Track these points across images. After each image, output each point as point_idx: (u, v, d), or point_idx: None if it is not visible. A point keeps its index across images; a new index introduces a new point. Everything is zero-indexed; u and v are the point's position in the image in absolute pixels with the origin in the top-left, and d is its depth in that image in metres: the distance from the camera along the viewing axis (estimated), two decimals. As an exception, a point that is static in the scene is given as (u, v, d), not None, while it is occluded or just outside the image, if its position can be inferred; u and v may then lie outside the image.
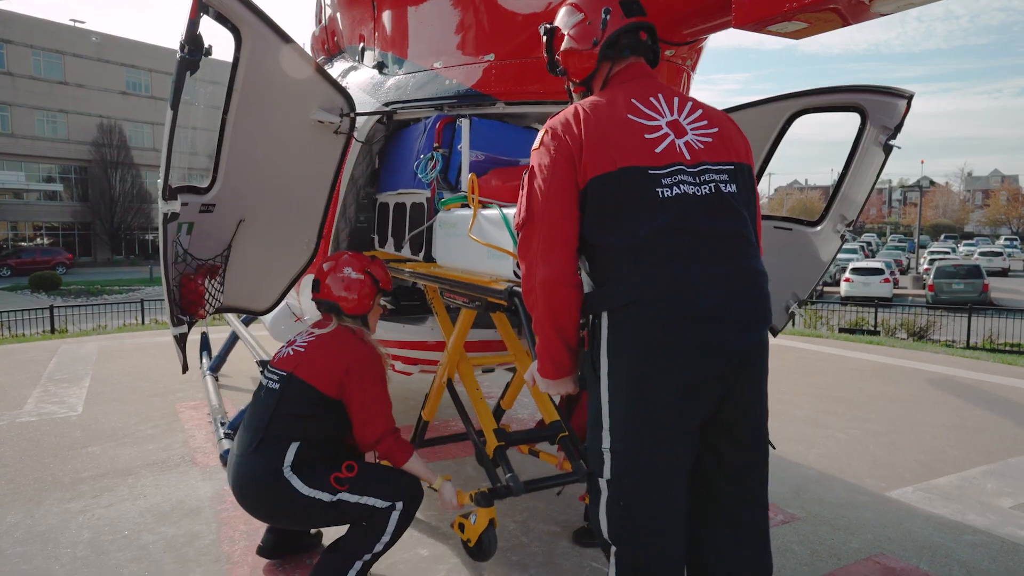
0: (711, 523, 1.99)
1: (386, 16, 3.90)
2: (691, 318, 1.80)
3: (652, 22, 2.16)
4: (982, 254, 36.59)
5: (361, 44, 4.29)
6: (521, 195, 2.00)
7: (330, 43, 5.04)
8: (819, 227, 4.09)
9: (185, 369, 3.32)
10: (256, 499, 2.59)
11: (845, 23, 2.28)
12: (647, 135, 1.91)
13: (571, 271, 1.92)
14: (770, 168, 4.71)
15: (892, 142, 3.71)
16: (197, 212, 3.14)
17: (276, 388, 2.64)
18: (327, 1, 5.10)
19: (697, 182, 1.87)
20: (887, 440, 4.74)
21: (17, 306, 14.58)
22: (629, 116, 1.93)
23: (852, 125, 3.95)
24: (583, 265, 1.98)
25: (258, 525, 3.19)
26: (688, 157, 1.89)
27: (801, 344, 8.92)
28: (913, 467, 4.20)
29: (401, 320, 3.90)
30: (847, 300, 19.88)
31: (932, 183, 61.17)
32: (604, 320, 1.90)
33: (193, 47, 2.72)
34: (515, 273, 2.48)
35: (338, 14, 4.75)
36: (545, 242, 1.91)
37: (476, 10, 3.36)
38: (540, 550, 3.07)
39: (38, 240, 38.23)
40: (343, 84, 3.44)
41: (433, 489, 2.79)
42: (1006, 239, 55.90)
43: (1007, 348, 11.78)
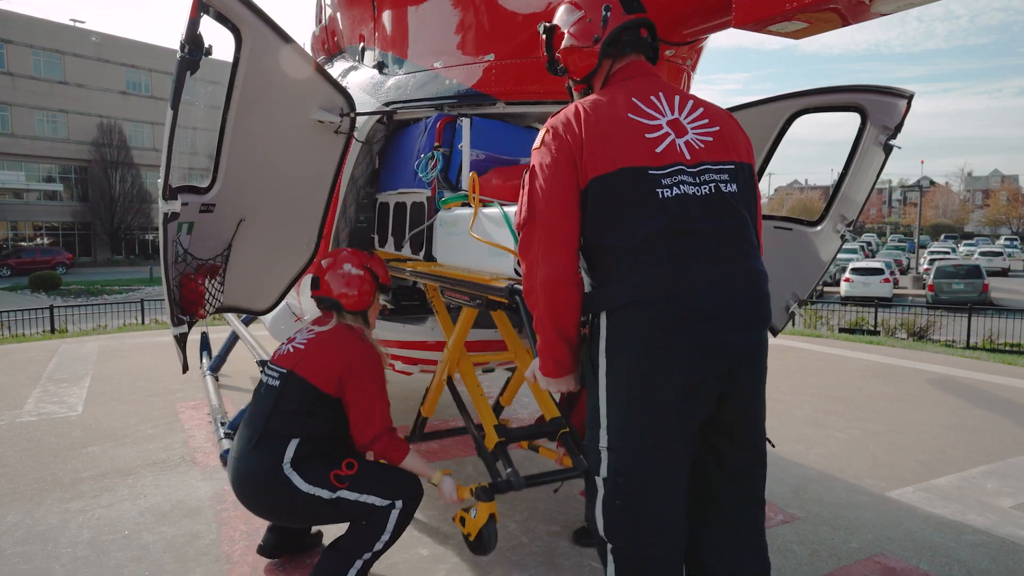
0: (711, 523, 2.00)
1: (386, 16, 3.90)
2: (691, 318, 1.80)
3: (652, 20, 2.16)
4: (982, 254, 36.58)
5: (361, 44, 4.29)
6: (522, 194, 1.99)
7: (330, 43, 5.04)
8: (819, 227, 4.09)
9: (185, 369, 3.32)
10: (256, 496, 2.59)
11: (845, 23, 2.28)
12: (648, 135, 1.90)
13: (572, 271, 1.92)
14: (770, 168, 4.72)
15: (892, 142, 3.71)
16: (197, 212, 3.14)
17: (276, 385, 2.65)
18: (327, 1, 5.10)
19: (697, 182, 1.87)
20: (887, 440, 4.74)
21: (17, 306, 14.58)
22: (630, 115, 1.93)
23: (852, 125, 3.95)
24: (583, 265, 1.98)
25: (258, 525, 3.19)
26: (688, 157, 1.89)
27: (801, 344, 8.92)
28: (913, 467, 4.20)
29: (401, 320, 3.90)
30: (847, 300, 19.89)
31: (932, 183, 61.18)
32: (603, 320, 1.90)
33: (193, 47, 2.72)
34: (516, 271, 2.48)
35: (338, 14, 4.75)
36: (546, 242, 1.91)
37: (476, 10, 3.36)
38: (540, 549, 3.08)
39: (38, 240, 38.23)
40: (343, 84, 3.44)
41: (433, 484, 2.79)
42: (1006, 239, 55.89)
43: (1007, 348, 11.78)
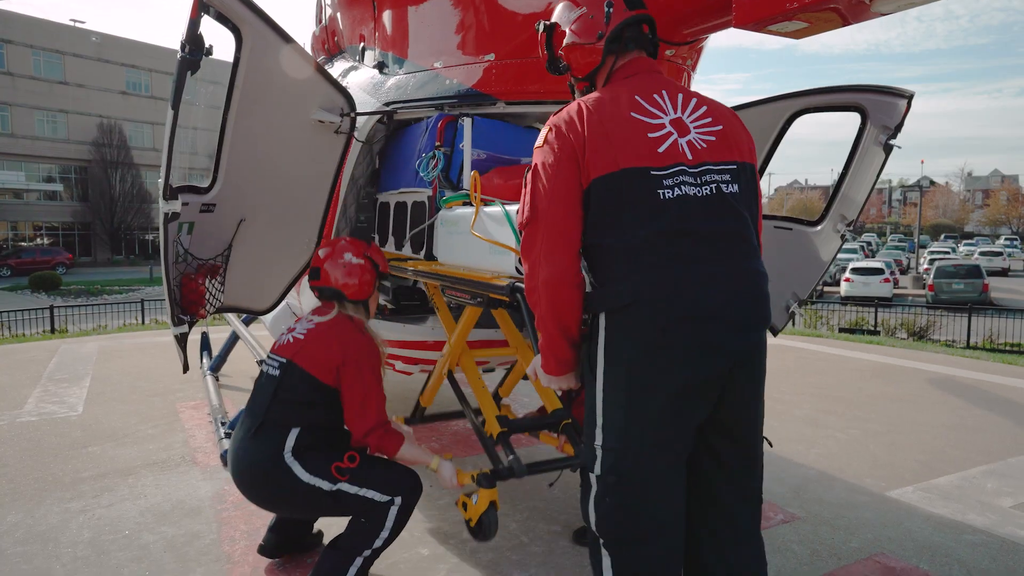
0: (711, 523, 2.00)
1: (386, 16, 3.90)
2: (691, 318, 1.80)
3: (651, 16, 2.15)
4: (982, 254, 36.56)
5: (361, 44, 4.29)
6: (524, 193, 1.99)
7: (330, 43, 5.04)
8: (819, 227, 4.09)
9: (186, 369, 3.33)
10: (255, 484, 2.59)
11: (845, 23, 2.28)
12: (650, 134, 1.89)
13: (574, 270, 1.92)
14: (770, 168, 4.73)
15: (892, 142, 3.72)
16: (198, 212, 3.15)
17: (276, 375, 2.65)
18: (327, 1, 5.10)
19: (698, 183, 1.86)
20: (887, 440, 4.74)
21: (17, 306, 14.58)
22: (633, 114, 1.92)
23: (852, 125, 3.95)
24: (584, 264, 1.98)
25: (259, 525, 3.19)
26: (690, 157, 1.88)
27: (801, 344, 8.92)
28: (913, 467, 4.20)
29: (401, 320, 3.90)
30: (847, 300, 19.88)
31: (932, 183, 61.18)
32: (603, 320, 1.90)
33: (194, 47, 2.72)
34: (517, 269, 2.48)
35: (338, 14, 4.75)
36: (548, 241, 1.91)
37: (476, 10, 3.36)
38: (540, 549, 3.08)
39: (38, 240, 38.22)
40: (343, 84, 3.44)
41: (432, 471, 2.76)
42: (1006, 239, 55.89)
43: (1007, 348, 11.78)
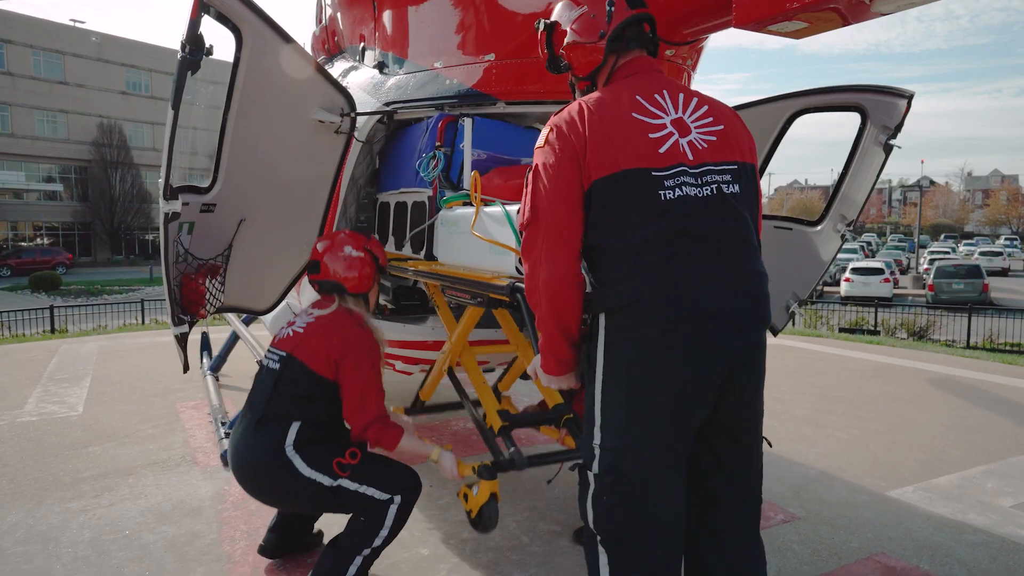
0: (710, 523, 2.00)
1: (386, 16, 3.90)
2: (691, 318, 1.80)
3: (652, 15, 2.15)
4: (982, 254, 36.56)
5: (361, 44, 4.29)
6: (525, 193, 1.98)
7: (330, 43, 5.04)
8: (819, 227, 4.09)
9: (186, 369, 3.33)
10: (255, 477, 2.59)
11: (845, 23, 2.27)
12: (651, 134, 1.89)
13: (575, 271, 1.92)
14: (770, 168, 4.73)
15: (892, 142, 3.72)
16: (198, 212, 3.15)
17: (276, 368, 2.65)
18: (327, 1, 5.10)
19: (699, 183, 1.86)
20: (887, 440, 4.74)
21: (17, 306, 14.57)
22: (634, 114, 1.91)
23: (852, 125, 3.95)
24: (584, 265, 1.98)
25: (259, 525, 3.20)
26: (691, 157, 1.88)
27: (801, 344, 8.93)
28: (913, 467, 4.20)
29: (402, 320, 3.90)
30: (847, 300, 19.89)
31: (932, 183, 61.21)
32: (603, 320, 1.90)
33: (194, 47, 2.73)
34: (517, 269, 2.48)
35: (338, 14, 4.75)
36: (549, 242, 1.90)
37: (476, 10, 3.36)
38: (540, 549, 3.08)
39: (38, 240, 38.23)
40: (343, 84, 3.44)
41: (433, 462, 2.74)
42: (1006, 239, 55.89)
43: (1007, 348, 11.77)
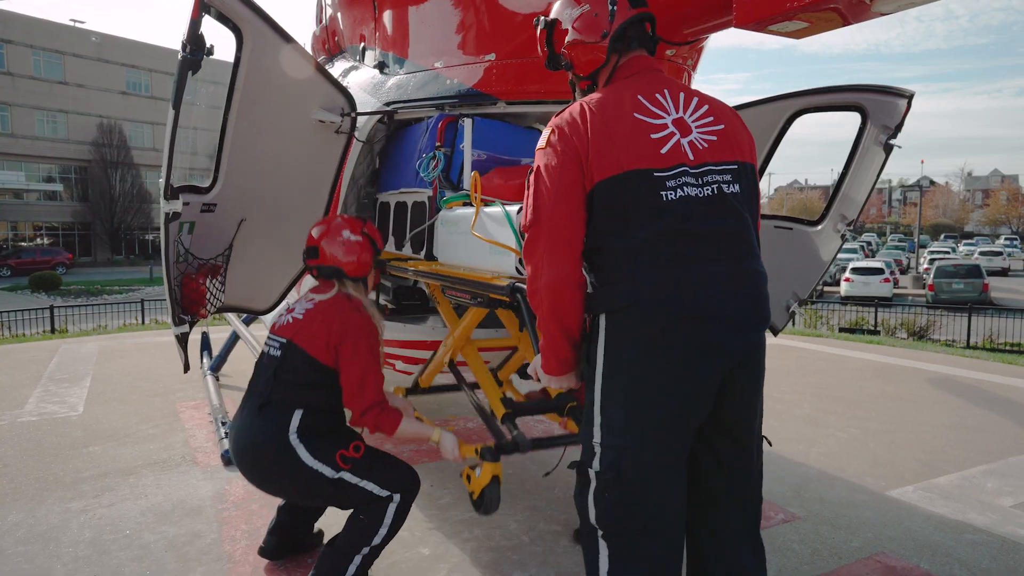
0: (710, 523, 2.00)
1: (387, 16, 3.90)
2: (691, 318, 1.80)
3: (653, 14, 2.14)
4: (982, 254, 36.54)
5: (362, 44, 4.29)
6: (527, 195, 1.98)
7: (331, 43, 5.04)
8: (819, 226, 4.09)
9: (187, 368, 3.33)
10: (257, 464, 2.58)
11: (846, 23, 2.27)
12: (653, 135, 1.89)
13: (576, 273, 1.92)
14: (770, 168, 4.73)
15: (892, 141, 3.72)
16: (198, 212, 3.15)
17: (277, 355, 2.64)
18: (328, 1, 5.10)
19: (700, 183, 1.86)
20: (887, 439, 4.74)
21: (17, 306, 14.57)
22: (635, 115, 1.91)
23: (852, 125, 3.96)
24: (585, 265, 1.98)
25: (260, 524, 3.20)
26: (692, 157, 1.88)
27: (801, 344, 8.93)
28: (913, 466, 4.20)
29: (402, 320, 3.90)
30: (847, 300, 19.87)
31: (932, 183, 61.20)
32: (603, 320, 1.90)
33: (195, 47, 2.73)
34: (517, 269, 2.48)
35: (339, 14, 4.75)
36: (551, 244, 1.90)
37: (477, 10, 3.36)
38: (541, 549, 3.08)
39: (38, 240, 38.22)
40: (344, 84, 3.44)
41: (434, 443, 2.72)
42: (1006, 239, 55.87)
43: (1007, 348, 11.77)
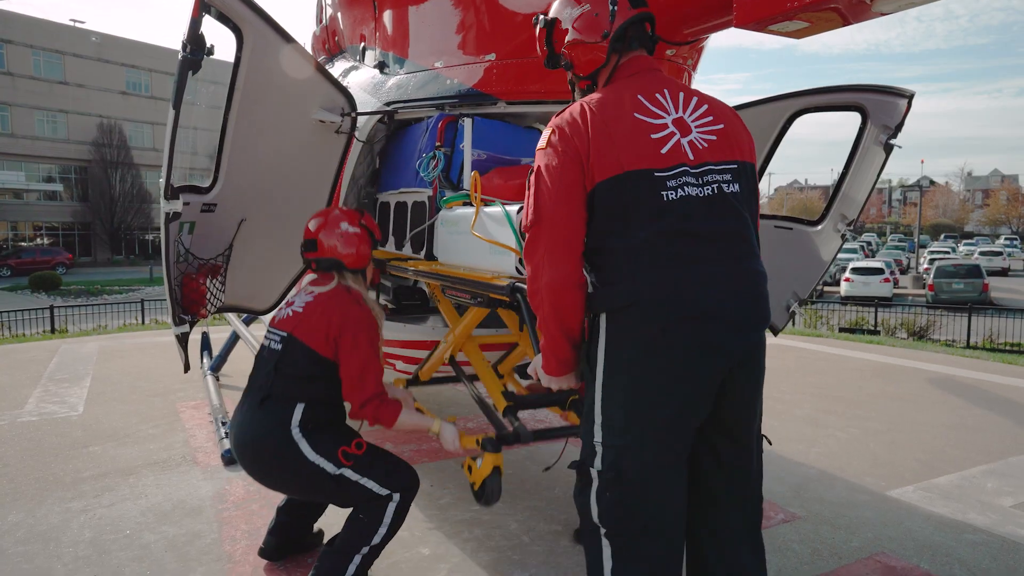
0: (710, 523, 2.01)
1: (387, 16, 3.90)
2: (691, 318, 1.80)
3: (653, 13, 2.14)
4: (982, 254, 36.54)
5: (362, 44, 4.29)
6: (528, 195, 1.98)
7: (331, 43, 5.04)
8: (820, 226, 4.10)
9: (187, 368, 3.33)
10: (257, 456, 2.57)
11: (846, 22, 2.28)
12: (653, 135, 1.89)
13: (577, 274, 1.92)
14: (770, 168, 4.73)
15: (893, 141, 3.72)
16: (199, 212, 3.15)
17: (278, 349, 2.63)
18: (328, 1, 5.11)
19: (700, 183, 1.86)
20: (887, 439, 4.74)
21: (17, 306, 14.57)
22: (636, 115, 1.91)
23: (852, 125, 3.96)
24: (585, 265, 1.98)
25: (260, 524, 3.20)
26: (692, 157, 1.88)
27: (801, 344, 8.93)
28: (913, 466, 4.20)
29: (402, 320, 3.90)
30: (847, 300, 19.87)
31: (932, 183, 61.23)
32: (603, 320, 1.90)
33: (195, 47, 2.73)
34: (517, 269, 2.48)
35: (339, 14, 4.76)
36: (551, 244, 1.90)
37: (477, 10, 3.36)
38: (541, 549, 3.08)
39: (38, 240, 38.22)
40: (344, 84, 3.44)
41: (434, 434, 2.70)
42: (1006, 239, 55.87)
43: (1007, 348, 11.77)
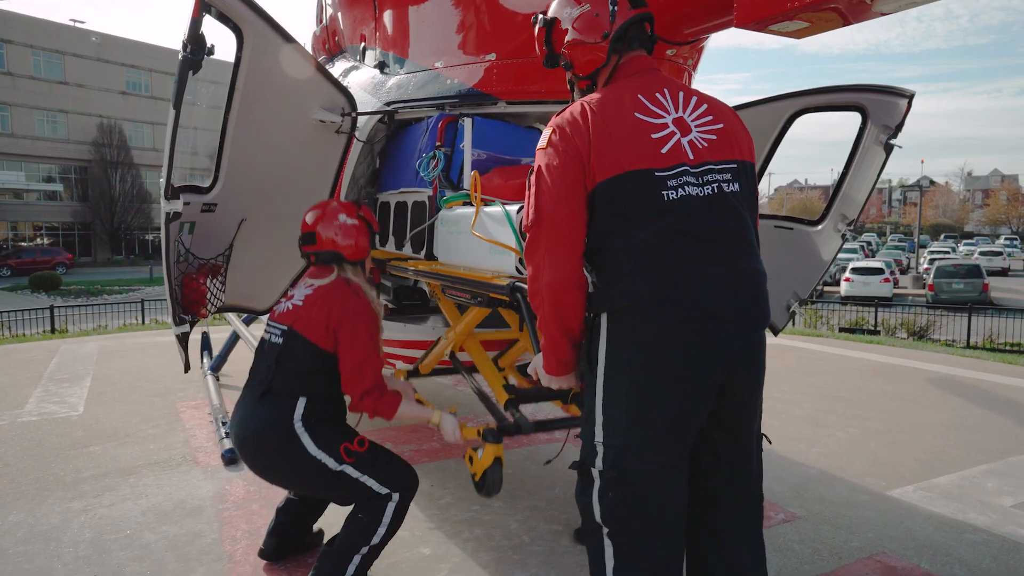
0: (711, 522, 2.01)
1: (387, 16, 3.90)
2: (691, 318, 1.80)
3: (652, 13, 2.14)
4: (982, 254, 36.53)
5: (362, 44, 4.29)
6: (528, 195, 1.98)
7: (331, 43, 5.05)
8: (820, 226, 4.10)
9: (187, 368, 3.33)
10: (259, 450, 2.57)
11: (846, 22, 2.28)
12: (653, 134, 1.89)
13: (577, 273, 1.92)
14: (770, 168, 4.73)
15: (893, 141, 3.73)
16: (199, 211, 3.16)
17: (279, 343, 2.63)
18: (328, 1, 5.11)
19: (700, 182, 1.86)
20: (887, 439, 4.74)
21: (17, 306, 14.57)
22: (636, 115, 1.91)
23: (852, 125, 3.96)
24: (586, 265, 1.98)
25: (260, 524, 3.20)
26: (692, 157, 1.88)
27: (801, 343, 8.92)
28: (914, 466, 4.20)
29: (402, 320, 3.90)
30: (847, 300, 19.86)
31: (932, 183, 61.23)
32: (604, 320, 1.90)
33: (196, 46, 2.73)
34: (517, 269, 2.48)
35: (339, 14, 4.76)
36: (552, 244, 1.90)
37: (477, 10, 3.36)
38: (542, 548, 3.08)
39: (38, 240, 38.21)
40: (344, 84, 3.44)
41: (434, 425, 2.69)
42: (1006, 239, 55.86)
43: (1007, 348, 11.76)
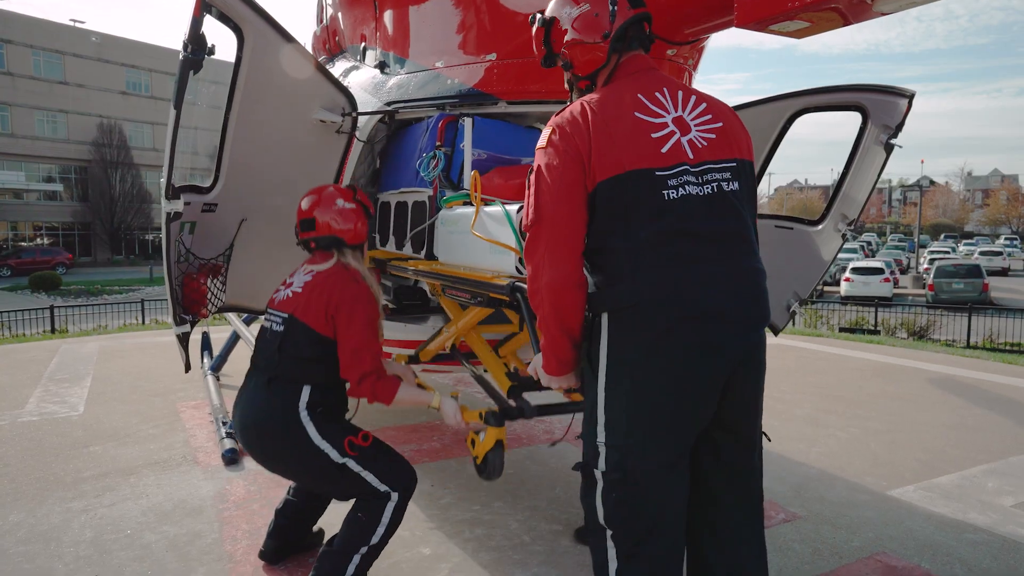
0: (711, 522, 2.01)
1: (388, 16, 3.90)
2: (691, 318, 1.80)
3: (651, 14, 2.14)
4: (982, 253, 36.52)
5: (363, 44, 4.29)
6: (528, 195, 1.97)
7: (331, 43, 5.05)
8: (820, 226, 4.10)
9: (188, 368, 3.33)
10: (261, 435, 2.57)
11: (846, 22, 2.28)
12: (653, 134, 1.89)
13: (577, 273, 1.92)
14: (770, 168, 4.72)
15: (893, 141, 3.73)
16: (199, 211, 3.16)
17: (280, 330, 2.62)
18: (328, 1, 5.11)
19: (700, 182, 1.87)
20: (888, 439, 4.74)
21: (17, 306, 14.56)
22: (636, 114, 1.91)
23: (852, 125, 3.96)
24: (586, 265, 1.98)
25: (261, 524, 3.20)
26: (691, 156, 1.88)
27: (801, 343, 8.93)
28: (914, 466, 4.20)
29: (403, 319, 3.90)
30: (847, 299, 19.85)
31: (932, 183, 61.26)
32: (604, 320, 1.90)
33: (196, 46, 2.73)
34: (517, 268, 2.48)
35: (339, 14, 4.76)
36: (552, 244, 1.90)
37: (478, 10, 3.36)
38: (542, 548, 3.08)
39: (38, 240, 38.21)
40: (344, 84, 3.44)
41: (434, 409, 2.68)
42: (1006, 239, 55.85)
43: (1007, 348, 11.76)
